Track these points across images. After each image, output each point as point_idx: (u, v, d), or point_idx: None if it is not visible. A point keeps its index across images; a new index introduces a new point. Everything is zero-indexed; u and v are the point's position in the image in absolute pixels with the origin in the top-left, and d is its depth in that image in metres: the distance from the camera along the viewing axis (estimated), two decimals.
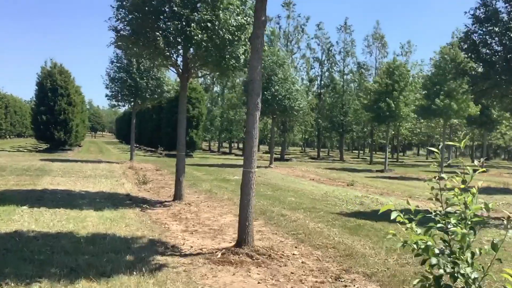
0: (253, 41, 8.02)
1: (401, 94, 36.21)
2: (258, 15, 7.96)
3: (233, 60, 13.29)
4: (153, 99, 31.87)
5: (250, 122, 8.02)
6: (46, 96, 39.55)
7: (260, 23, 7.96)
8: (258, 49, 8.00)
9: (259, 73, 8.04)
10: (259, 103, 8.06)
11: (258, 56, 8.01)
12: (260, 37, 7.99)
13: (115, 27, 13.73)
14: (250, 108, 8.02)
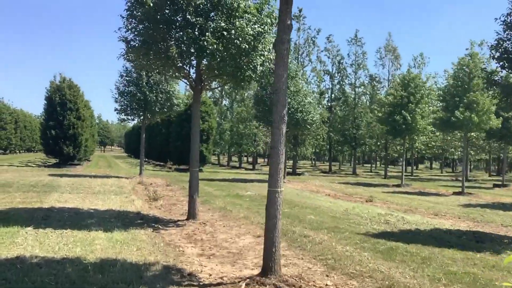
0: (278, 47, 7.26)
1: (417, 106, 35.31)
2: (283, 18, 7.21)
3: (249, 71, 12.55)
4: (163, 113, 31.27)
5: (275, 137, 7.23)
6: (55, 110, 39.11)
7: (285, 27, 7.21)
8: (283, 56, 7.24)
9: (285, 82, 7.27)
10: (285, 115, 7.29)
11: (284, 63, 7.25)
12: (286, 42, 7.23)
13: (125, 38, 13.07)
14: (275, 121, 7.24)
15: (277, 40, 7.31)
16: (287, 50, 7.25)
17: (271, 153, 7.35)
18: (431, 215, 17.63)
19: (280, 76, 7.22)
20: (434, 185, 38.84)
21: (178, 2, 11.76)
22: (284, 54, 7.23)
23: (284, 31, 7.21)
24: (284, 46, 7.22)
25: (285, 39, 7.22)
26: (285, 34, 7.22)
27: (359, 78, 58.60)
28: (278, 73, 7.25)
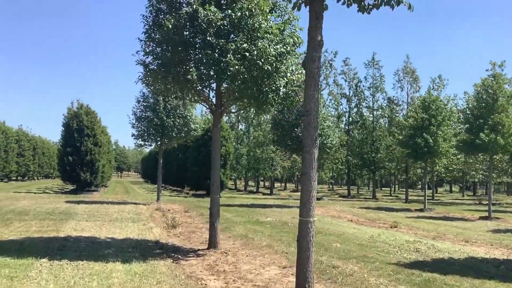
0: (308, 65, 6.78)
1: (439, 129, 34.53)
2: (313, 35, 6.74)
3: (272, 94, 12.07)
4: (180, 138, 30.95)
5: (307, 162, 6.69)
6: (72, 137, 39.09)
7: (316, 44, 6.74)
8: (314, 75, 6.75)
9: (316, 103, 6.76)
10: (317, 138, 6.75)
11: (315, 83, 6.75)
12: (316, 60, 6.75)
13: (143, 61, 12.75)
14: (306, 144, 6.71)
15: (307, 58, 6.83)
16: (318, 68, 6.76)
17: (302, 179, 6.79)
18: (461, 242, 16.80)
19: (311, 97, 6.71)
20: (458, 209, 37.75)
21: (198, 24, 11.40)
22: (314, 73, 6.75)
23: (315, 48, 6.74)
24: (314, 64, 6.74)
25: (316, 56, 6.74)
26: (315, 52, 6.74)
27: (377, 101, 57.95)
28: (308, 94, 6.74)
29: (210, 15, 11.22)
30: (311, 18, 6.79)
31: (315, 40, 6.72)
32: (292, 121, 32.09)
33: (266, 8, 11.54)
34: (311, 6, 6.88)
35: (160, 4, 12.83)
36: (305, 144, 6.75)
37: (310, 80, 6.77)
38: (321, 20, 6.78)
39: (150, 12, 12.84)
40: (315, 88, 6.75)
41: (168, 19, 11.44)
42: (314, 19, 6.75)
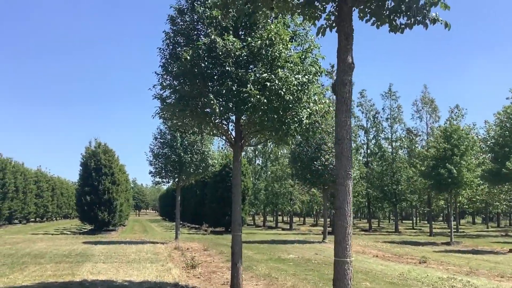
0: (339, 89, 6.24)
1: (462, 159, 33.60)
2: (343, 57, 6.24)
3: (294, 125, 11.53)
4: (198, 174, 30.51)
5: (341, 195, 6.08)
6: (90, 176, 38.87)
7: (346, 67, 6.22)
8: (345, 100, 6.21)
9: (348, 130, 6.20)
10: (351, 169, 6.15)
11: (347, 108, 6.21)
12: (348, 84, 6.22)
13: (160, 95, 12.38)
14: (339, 176, 6.12)
15: (337, 82, 6.30)
16: (349, 92, 6.22)
17: (336, 214, 6.17)
18: (497, 278, 15.84)
19: (343, 124, 6.16)
20: (486, 242, 36.39)
21: (216, 54, 11.02)
22: (346, 97, 6.21)
23: (345, 71, 6.22)
24: (345, 88, 6.21)
25: (347, 80, 6.21)
26: (346, 75, 6.22)
27: (396, 132, 57.20)
28: (340, 120, 6.19)
29: (229, 45, 10.85)
30: (340, 39, 6.30)
31: (346, 62, 6.22)
32: (311, 155, 31.53)
33: (286, 37, 11.12)
34: (339, 27, 6.41)
35: (177, 37, 12.56)
36: (338, 176, 6.16)
37: (341, 105, 6.23)
38: (351, 40, 6.30)
39: (167, 45, 12.57)
40: (347, 114, 6.21)
41: (186, 51, 11.09)
42: (343, 40, 6.26)
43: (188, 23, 12.44)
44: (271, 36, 10.91)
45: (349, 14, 6.33)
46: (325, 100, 11.87)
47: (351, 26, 6.35)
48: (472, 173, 33.92)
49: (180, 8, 12.55)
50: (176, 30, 12.54)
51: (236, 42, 10.99)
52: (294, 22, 12.18)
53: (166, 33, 12.58)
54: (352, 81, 6.32)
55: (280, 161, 59.59)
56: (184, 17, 12.47)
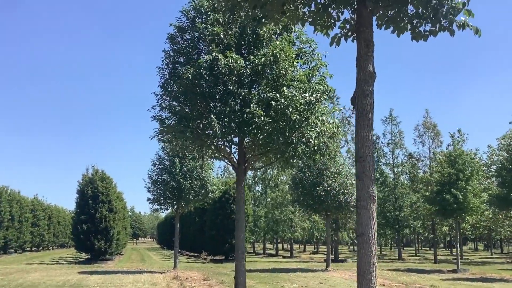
0: (359, 101, 5.61)
1: (468, 184, 32.83)
2: (363, 65, 5.62)
3: (301, 146, 10.89)
4: (197, 201, 29.75)
5: (363, 220, 5.39)
6: (87, 204, 38.02)
7: (367, 76, 5.60)
8: (366, 112, 5.57)
9: (371, 146, 5.55)
10: (374, 190, 5.46)
11: (368, 122, 5.56)
12: (369, 95, 5.60)
13: (159, 116, 11.77)
14: (361, 198, 5.44)
15: (356, 93, 5.67)
16: (371, 105, 5.59)
17: (359, 242, 5.46)
18: None
19: (365, 139, 5.50)
20: (493, 269, 35.40)
21: (219, 72, 10.44)
22: (367, 110, 5.57)
23: (366, 81, 5.59)
24: (366, 100, 5.57)
25: (368, 90, 5.58)
26: (367, 85, 5.59)
27: (397, 157, 56.50)
28: (361, 135, 5.54)
29: (231, 62, 10.28)
30: (360, 46, 5.70)
31: (366, 71, 5.60)
32: (313, 180, 30.83)
33: (292, 54, 10.57)
34: (358, 33, 5.82)
35: (177, 57, 12.02)
36: (360, 198, 5.48)
37: (362, 119, 5.59)
38: (372, 47, 5.70)
39: (167, 64, 12.03)
40: (368, 129, 5.56)
41: (187, 69, 10.52)
42: (363, 47, 5.66)
43: (188, 42, 11.93)
44: (275, 53, 10.35)
45: (369, 19, 5.75)
46: (333, 120, 11.24)
47: (371, 32, 5.76)
48: (478, 199, 33.15)
49: (181, 26, 12.05)
50: (176, 49, 12.02)
51: (239, 60, 10.45)
52: (300, 39, 11.68)
53: (165, 52, 12.07)
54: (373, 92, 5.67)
55: (280, 187, 58.79)
56: (185, 35, 11.96)
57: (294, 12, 6.80)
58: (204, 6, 11.28)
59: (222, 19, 10.91)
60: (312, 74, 11.14)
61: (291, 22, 6.99)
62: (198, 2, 11.43)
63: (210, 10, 11.20)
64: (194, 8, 11.64)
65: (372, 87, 5.65)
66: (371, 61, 5.66)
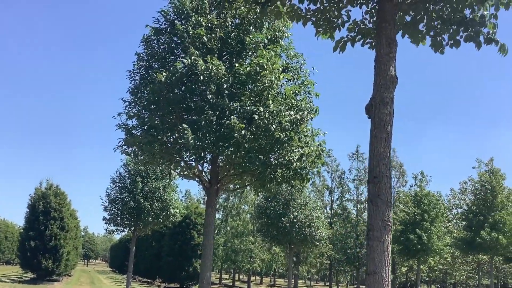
0: (377, 110, 4.66)
1: (433, 225, 32.57)
2: (384, 68, 4.70)
3: (281, 169, 9.85)
4: (157, 223, 28.23)
5: (376, 254, 4.36)
6: (37, 219, 35.66)
7: (388, 81, 4.68)
8: (385, 124, 4.62)
9: (388, 165, 4.57)
10: (391, 218, 4.45)
11: (387, 135, 4.60)
12: (389, 103, 4.66)
13: (125, 125, 10.55)
14: (374, 227, 4.43)
15: (374, 101, 4.72)
16: (391, 114, 4.64)
17: (370, 282, 4.42)
18: None
19: (382, 156, 4.53)
20: None
21: (197, 79, 9.38)
22: (386, 121, 4.61)
23: (386, 86, 4.65)
24: (386, 109, 4.62)
25: (388, 98, 4.64)
26: (387, 91, 4.65)
27: (362, 194, 56.26)
28: (378, 151, 4.57)
29: (212, 69, 9.23)
30: (381, 45, 4.78)
31: (387, 75, 4.67)
32: (279, 211, 29.80)
33: (279, 67, 9.62)
34: (379, 30, 4.91)
35: (151, 61, 10.91)
36: (373, 227, 4.46)
37: (379, 131, 4.62)
38: (394, 47, 4.79)
39: (139, 69, 10.88)
40: (386, 144, 4.60)
41: (160, 72, 9.40)
42: (385, 46, 4.74)
43: (165, 45, 10.84)
44: (262, 63, 9.37)
45: (392, 14, 4.86)
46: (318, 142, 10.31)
47: (395, 29, 4.86)
48: (441, 241, 32.88)
49: (158, 28, 10.97)
50: (151, 52, 10.91)
51: (220, 66, 9.40)
52: (287, 54, 10.76)
53: (138, 55, 10.92)
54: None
55: (242, 216, 57.54)
56: (162, 38, 10.87)
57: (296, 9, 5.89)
58: (186, 7, 10.28)
59: (205, 22, 9.91)
60: (299, 91, 10.22)
61: (291, 19, 6.05)
62: (180, 2, 10.42)
63: (192, 11, 10.20)
64: (174, 9, 10.62)
65: (393, 94, 4.71)
66: (393, 63, 4.74)
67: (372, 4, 5.49)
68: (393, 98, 4.70)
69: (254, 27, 10.39)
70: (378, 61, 4.79)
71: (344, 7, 5.67)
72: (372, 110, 4.69)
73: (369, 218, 4.56)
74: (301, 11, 5.92)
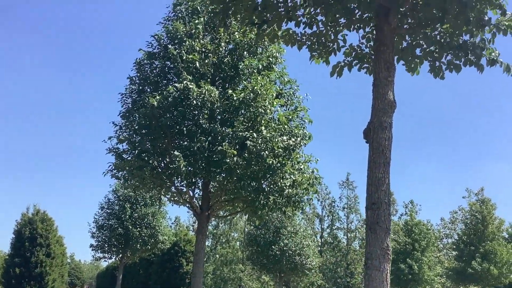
0: (375, 135, 4.58)
1: (423, 255, 32.34)
2: (382, 92, 4.64)
3: (274, 195, 9.70)
4: (145, 251, 27.87)
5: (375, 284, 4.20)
6: (23, 245, 34.92)
7: (386, 105, 4.61)
8: (384, 149, 4.52)
9: (387, 191, 4.45)
10: (390, 246, 4.32)
11: (385, 160, 4.51)
12: (387, 128, 4.58)
13: (115, 149, 10.40)
14: (373, 256, 4.30)
15: (372, 125, 4.63)
16: (389, 139, 4.55)
17: None
18: None
19: (380, 182, 4.42)
20: None
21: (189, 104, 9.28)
22: (385, 146, 4.52)
23: (384, 111, 4.58)
24: (384, 134, 4.53)
25: (386, 122, 4.56)
26: (385, 115, 4.57)
27: (352, 222, 55.97)
28: (376, 177, 4.46)
29: (206, 94, 9.15)
30: (379, 69, 4.72)
31: (385, 99, 4.59)
32: (269, 238, 29.48)
33: (273, 92, 9.57)
34: (376, 54, 4.86)
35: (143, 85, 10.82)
36: (371, 255, 4.31)
37: (377, 156, 4.51)
38: (393, 71, 4.73)
39: (131, 93, 10.78)
40: (385, 169, 4.49)
41: (153, 96, 9.31)
42: (383, 70, 4.68)
43: (158, 70, 10.77)
44: (256, 89, 9.31)
45: (390, 37, 4.81)
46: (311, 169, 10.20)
47: (393, 53, 4.81)
48: (432, 271, 32.62)
49: (151, 52, 10.92)
50: (143, 77, 10.83)
51: (213, 92, 9.33)
52: (281, 80, 10.73)
53: (130, 78, 10.83)
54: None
55: (232, 243, 56.89)
56: (154, 62, 10.81)
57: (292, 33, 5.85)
58: (180, 31, 10.23)
59: (199, 46, 9.87)
60: (292, 117, 10.15)
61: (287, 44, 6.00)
62: (173, 27, 10.39)
63: (186, 36, 10.16)
64: (168, 33, 10.58)
65: (391, 119, 4.62)
66: (392, 87, 4.67)
67: (369, 28, 5.45)
68: (391, 123, 4.61)
69: (248, 52, 10.37)
70: (376, 85, 4.71)
71: (340, 31, 5.63)
72: (371, 134, 4.59)
73: (367, 246, 4.41)
74: (297, 35, 5.88)
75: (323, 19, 5.55)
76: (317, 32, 5.71)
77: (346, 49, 5.76)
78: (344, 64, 5.84)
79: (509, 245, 27.16)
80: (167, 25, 10.72)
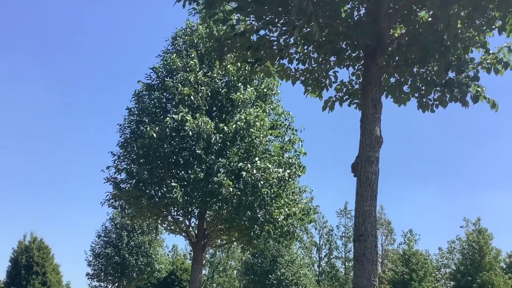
0: (363, 169, 4.79)
1: (421, 285, 32.17)
2: (369, 128, 4.86)
3: (268, 225, 9.83)
4: (141, 279, 27.67)
5: None
6: (19, 274, 34.70)
7: (373, 141, 4.82)
8: (371, 183, 4.72)
9: (373, 224, 4.64)
10: (376, 277, 4.46)
11: (372, 194, 4.69)
12: (374, 162, 4.78)
13: (113, 179, 10.56)
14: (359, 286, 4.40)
15: (360, 160, 4.83)
16: (376, 174, 4.74)
17: None
18: None
19: (367, 214, 4.60)
20: None
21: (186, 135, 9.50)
22: (371, 180, 4.71)
23: (371, 146, 4.78)
24: (371, 168, 4.73)
25: (373, 157, 4.76)
26: (372, 151, 4.78)
27: (350, 251, 55.60)
28: (363, 209, 4.64)
29: (202, 126, 9.37)
30: (366, 106, 4.94)
31: (372, 135, 4.80)
32: (266, 267, 29.37)
33: (266, 123, 9.80)
34: (364, 92, 5.09)
35: (142, 116, 11.06)
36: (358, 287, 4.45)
37: (365, 190, 4.70)
38: (380, 108, 4.95)
39: (129, 123, 11.00)
40: (372, 203, 4.66)
41: (151, 127, 9.52)
42: (370, 107, 4.90)
43: (155, 101, 11.02)
44: (249, 119, 9.53)
45: (378, 76, 5.04)
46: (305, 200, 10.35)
47: (380, 91, 5.04)
48: None
49: (149, 84, 11.20)
50: (142, 107, 11.07)
51: (208, 124, 9.55)
52: (275, 111, 10.97)
53: (129, 110, 11.07)
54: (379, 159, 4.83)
55: (229, 272, 56.37)
56: (152, 93, 11.07)
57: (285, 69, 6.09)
58: (176, 64, 10.51)
59: (193, 78, 10.14)
60: (286, 149, 10.35)
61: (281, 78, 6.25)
62: (171, 59, 10.67)
63: (182, 69, 10.43)
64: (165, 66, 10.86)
65: (378, 154, 4.82)
66: (378, 123, 4.88)
67: (358, 66, 5.70)
68: (378, 158, 4.81)
69: (243, 84, 10.63)
70: (364, 121, 4.93)
71: (331, 68, 5.88)
72: (358, 168, 4.79)
73: (355, 277, 4.56)
74: (290, 70, 6.12)
75: (315, 56, 5.80)
76: (310, 68, 5.95)
77: (338, 85, 6.01)
78: (336, 99, 6.07)
79: (506, 276, 27.01)
80: (166, 58, 11.01)
